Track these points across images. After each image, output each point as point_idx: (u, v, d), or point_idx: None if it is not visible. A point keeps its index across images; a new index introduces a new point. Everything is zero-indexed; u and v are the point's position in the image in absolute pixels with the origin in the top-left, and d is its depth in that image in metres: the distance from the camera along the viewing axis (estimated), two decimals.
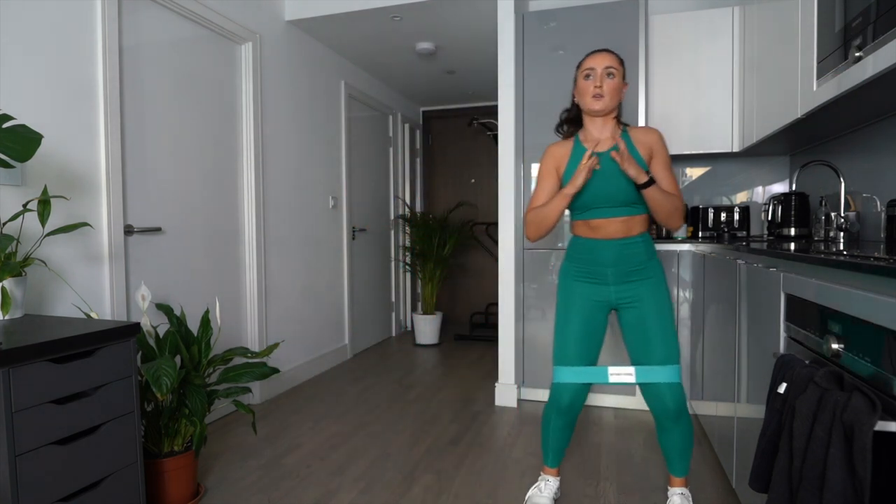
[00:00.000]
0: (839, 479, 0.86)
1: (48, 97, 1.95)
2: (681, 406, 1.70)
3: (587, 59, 1.75)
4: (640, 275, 1.73)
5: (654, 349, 1.70)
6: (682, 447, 1.77)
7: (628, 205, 1.71)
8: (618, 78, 1.71)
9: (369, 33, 3.56)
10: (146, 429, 1.85)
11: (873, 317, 0.89)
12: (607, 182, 1.69)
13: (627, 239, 1.73)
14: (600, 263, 1.75)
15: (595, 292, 1.77)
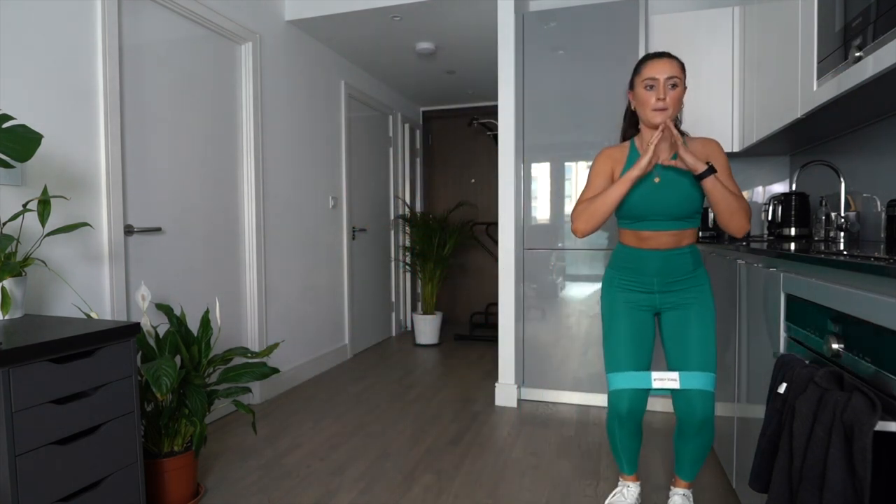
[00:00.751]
0: (839, 479, 0.86)
1: (48, 97, 1.95)
2: (708, 416, 1.66)
3: (648, 67, 1.64)
4: (686, 283, 1.71)
5: (691, 355, 1.67)
6: (696, 456, 1.74)
7: (681, 219, 1.68)
8: (680, 87, 1.64)
9: (369, 33, 3.56)
10: (146, 429, 1.85)
11: (873, 317, 0.89)
12: (662, 194, 1.65)
13: (675, 250, 1.70)
14: (646, 273, 1.73)
15: (642, 300, 1.75)
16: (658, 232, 1.69)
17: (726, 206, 1.58)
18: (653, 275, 1.72)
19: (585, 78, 2.93)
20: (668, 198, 1.65)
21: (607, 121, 2.92)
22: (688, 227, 1.70)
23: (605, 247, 2.95)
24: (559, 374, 3.03)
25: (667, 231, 1.69)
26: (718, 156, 1.68)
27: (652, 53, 1.69)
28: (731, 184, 1.65)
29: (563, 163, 3.02)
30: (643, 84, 1.64)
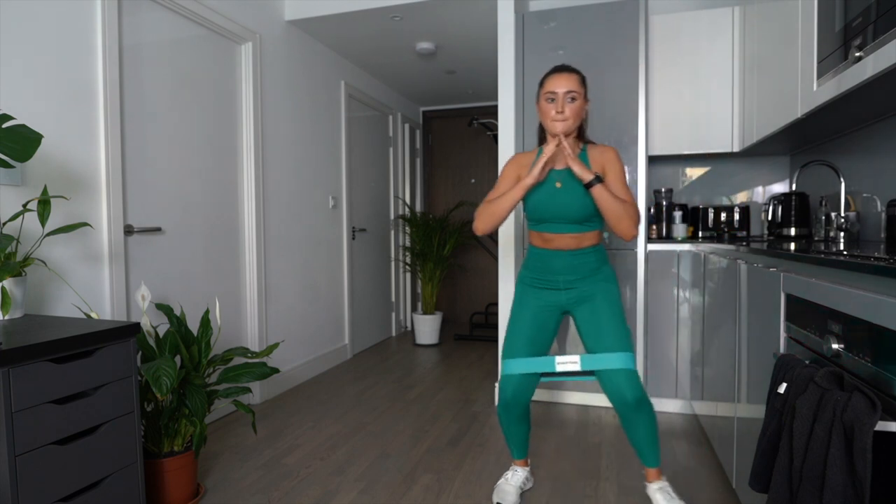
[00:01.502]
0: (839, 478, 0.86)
1: (48, 97, 1.95)
2: (639, 394, 1.72)
3: (549, 81, 1.77)
4: (592, 280, 1.83)
5: (605, 339, 1.76)
6: (648, 436, 1.78)
7: (580, 222, 1.79)
8: (580, 100, 1.76)
9: (369, 33, 3.56)
10: (146, 429, 1.85)
11: (873, 317, 0.89)
12: (562, 199, 1.77)
13: (578, 251, 1.83)
14: (552, 272, 1.85)
15: (547, 296, 1.87)
16: (560, 234, 1.82)
17: (612, 213, 1.70)
18: (558, 273, 1.84)
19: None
20: (566, 202, 1.77)
21: (607, 121, 2.91)
22: (588, 230, 1.82)
23: (604, 246, 2.95)
24: None
25: (568, 233, 1.81)
26: (613, 163, 1.79)
27: (554, 68, 1.80)
28: (623, 191, 1.77)
29: None
30: (545, 97, 1.78)
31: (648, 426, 1.76)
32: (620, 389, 1.72)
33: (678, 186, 3.36)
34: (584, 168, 1.69)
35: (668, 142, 3.00)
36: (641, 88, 2.85)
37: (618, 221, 1.70)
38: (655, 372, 2.89)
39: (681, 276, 2.83)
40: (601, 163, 1.80)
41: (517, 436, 1.95)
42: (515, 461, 2.02)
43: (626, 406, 1.73)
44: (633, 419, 1.75)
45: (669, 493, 1.81)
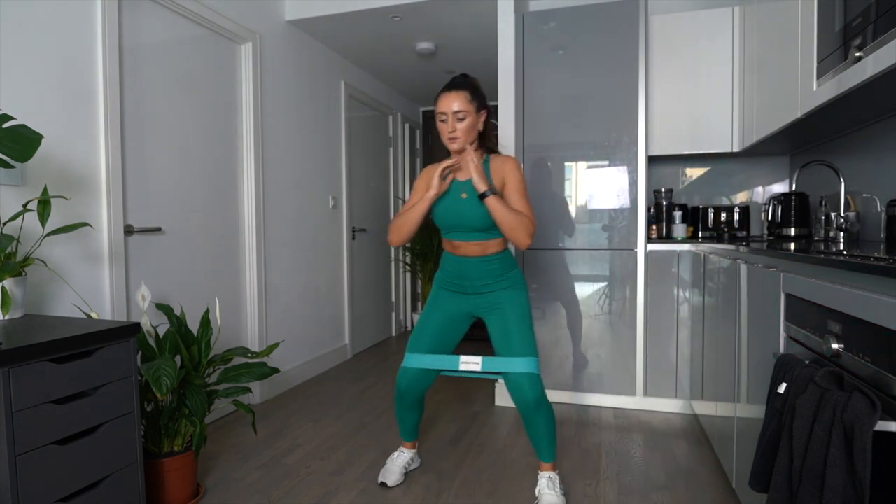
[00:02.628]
0: (839, 478, 0.86)
1: (48, 97, 1.95)
2: (539, 396, 1.84)
3: (440, 101, 1.86)
4: (497, 286, 1.93)
5: (512, 345, 1.86)
6: (545, 435, 1.91)
7: (483, 230, 1.87)
8: (470, 117, 1.85)
9: (369, 33, 3.56)
10: (146, 429, 1.85)
11: (873, 317, 0.89)
12: (465, 209, 1.86)
13: (482, 258, 1.91)
14: (460, 276, 1.95)
15: (457, 300, 1.99)
16: (465, 242, 1.91)
17: (505, 224, 1.78)
18: (465, 278, 1.94)
19: (585, 78, 2.93)
20: (468, 212, 1.85)
21: (607, 121, 2.92)
22: (492, 238, 1.90)
23: (604, 246, 2.96)
24: (559, 374, 3.03)
25: (472, 241, 1.90)
26: (512, 173, 1.87)
27: (445, 86, 1.88)
28: (520, 201, 1.84)
29: (563, 163, 3.03)
30: (438, 117, 1.88)
31: (546, 425, 1.89)
32: (523, 391, 1.83)
33: (678, 186, 3.36)
34: (481, 179, 1.78)
35: (668, 142, 3.00)
36: (641, 88, 2.85)
37: (510, 231, 1.78)
38: (655, 372, 2.89)
39: (681, 276, 2.83)
40: (501, 172, 1.88)
41: (408, 421, 2.12)
42: (404, 443, 2.18)
43: (527, 406, 1.84)
44: (532, 418, 1.87)
45: (554, 483, 1.92)
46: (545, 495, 1.89)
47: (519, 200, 1.84)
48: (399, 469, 2.11)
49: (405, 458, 2.15)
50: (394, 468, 2.11)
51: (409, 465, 2.17)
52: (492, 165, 1.91)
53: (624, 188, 2.91)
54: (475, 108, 1.87)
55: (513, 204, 1.84)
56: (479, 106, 1.89)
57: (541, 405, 1.85)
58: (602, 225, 2.97)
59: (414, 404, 2.06)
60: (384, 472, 2.10)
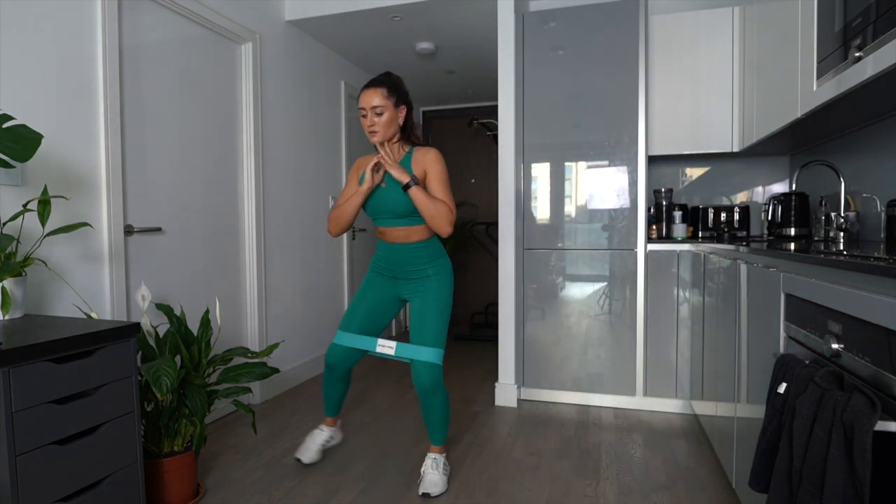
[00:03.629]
0: (839, 478, 0.86)
1: (48, 97, 1.95)
2: (435, 383, 2.01)
3: (360, 97, 1.98)
4: (423, 273, 2.07)
5: (423, 334, 2.02)
6: (438, 419, 2.09)
7: (405, 216, 2.00)
8: (388, 112, 1.96)
9: (369, 33, 3.56)
10: (146, 429, 1.85)
11: (873, 317, 0.89)
12: (386, 197, 2.00)
13: (408, 244, 2.05)
14: (388, 261, 2.10)
15: (388, 284, 2.14)
16: (389, 227, 2.05)
17: (426, 212, 1.92)
18: (394, 264, 2.09)
19: (585, 78, 2.93)
20: (390, 200, 1.98)
21: (607, 121, 2.92)
22: (414, 224, 2.02)
23: (604, 247, 2.96)
24: (559, 374, 3.04)
25: (395, 227, 2.04)
26: (433, 164, 2.00)
27: (366, 83, 1.99)
28: (440, 190, 1.98)
29: (563, 163, 3.03)
30: (359, 112, 2.00)
31: (440, 410, 2.08)
32: (421, 378, 2.01)
33: (678, 186, 3.36)
34: (401, 172, 1.91)
35: (668, 142, 3.00)
36: (641, 88, 2.85)
37: (431, 219, 1.93)
38: (655, 372, 2.89)
39: (681, 276, 2.83)
40: (423, 164, 2.01)
41: (333, 395, 2.26)
42: (326, 419, 2.32)
43: (424, 391, 2.02)
44: (427, 402, 2.05)
45: (438, 464, 2.08)
46: (428, 474, 2.05)
47: (440, 190, 1.98)
48: (317, 447, 2.24)
49: (324, 435, 2.28)
50: (312, 446, 2.23)
51: (328, 442, 2.30)
52: (414, 157, 2.02)
53: (624, 188, 2.91)
54: (393, 103, 1.97)
55: (434, 193, 1.98)
56: (398, 101, 1.99)
57: (436, 391, 2.02)
58: (602, 225, 2.97)
59: (341, 378, 2.23)
60: (301, 448, 2.23)
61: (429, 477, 2.04)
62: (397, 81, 2.02)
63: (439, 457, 2.11)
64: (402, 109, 2.01)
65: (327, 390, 2.26)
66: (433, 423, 2.10)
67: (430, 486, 2.01)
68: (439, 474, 2.05)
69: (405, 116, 2.03)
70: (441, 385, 2.04)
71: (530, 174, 3.08)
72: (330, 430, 2.32)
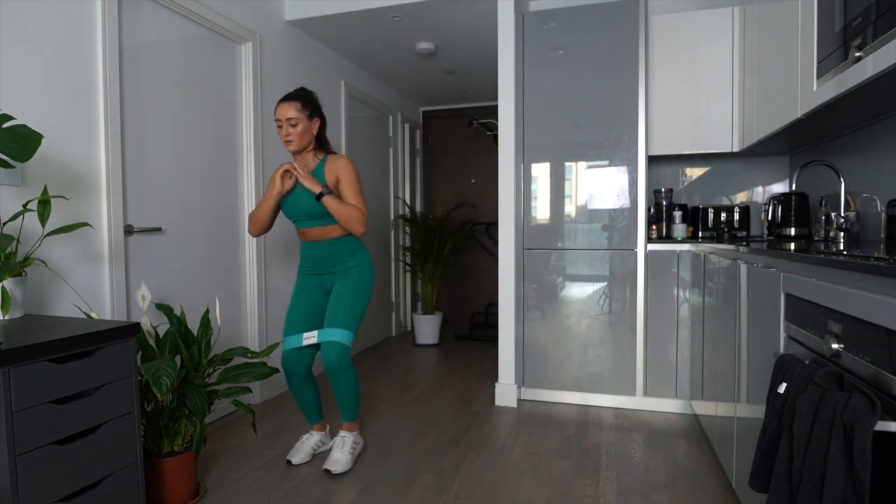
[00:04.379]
0: (839, 478, 0.86)
1: (48, 97, 1.95)
2: (340, 362, 2.13)
3: (276, 110, 2.13)
4: (344, 265, 2.23)
5: (335, 316, 2.15)
6: (346, 396, 2.22)
7: (320, 217, 2.16)
8: (302, 123, 2.12)
9: (369, 33, 3.56)
10: (146, 429, 1.85)
11: (873, 317, 0.89)
12: (301, 200, 2.16)
13: (327, 241, 2.20)
14: (312, 260, 2.24)
15: (316, 282, 2.27)
16: (309, 228, 2.20)
17: (339, 217, 2.10)
18: (319, 261, 2.23)
19: (585, 78, 2.93)
20: (305, 203, 2.14)
21: (607, 121, 2.92)
22: (330, 223, 2.18)
23: (604, 246, 2.96)
24: (559, 374, 3.04)
25: (314, 227, 2.19)
26: (344, 172, 2.17)
27: (282, 97, 2.14)
28: (352, 195, 2.16)
29: (563, 163, 3.03)
30: (276, 123, 2.15)
31: (347, 388, 2.20)
32: (328, 355, 2.12)
33: (678, 186, 3.36)
34: (313, 183, 2.08)
35: (668, 142, 3.00)
36: (641, 88, 2.85)
37: (345, 222, 2.11)
38: (655, 372, 2.89)
39: (681, 276, 2.83)
40: (335, 171, 2.17)
41: (305, 402, 2.32)
42: (311, 426, 2.38)
43: (331, 369, 2.14)
44: (336, 381, 2.17)
45: (345, 442, 2.22)
46: (334, 451, 2.21)
47: (351, 194, 2.16)
48: (307, 450, 2.30)
49: (314, 440, 2.35)
50: (302, 448, 2.30)
51: (318, 447, 2.35)
52: (327, 165, 2.19)
53: (624, 188, 2.91)
54: (307, 115, 2.14)
55: (346, 198, 2.16)
56: (312, 114, 2.16)
57: (341, 369, 2.14)
58: (602, 225, 2.97)
59: (303, 382, 2.27)
60: (292, 451, 2.29)
61: (333, 455, 2.19)
62: (311, 97, 2.18)
63: (348, 435, 2.25)
64: (315, 121, 2.18)
65: (297, 398, 2.31)
66: (342, 400, 2.22)
67: (332, 463, 2.15)
68: (345, 453, 2.19)
69: (318, 128, 2.20)
70: (348, 364, 2.16)
71: (530, 174, 3.08)
72: (319, 434, 2.37)
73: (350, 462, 2.19)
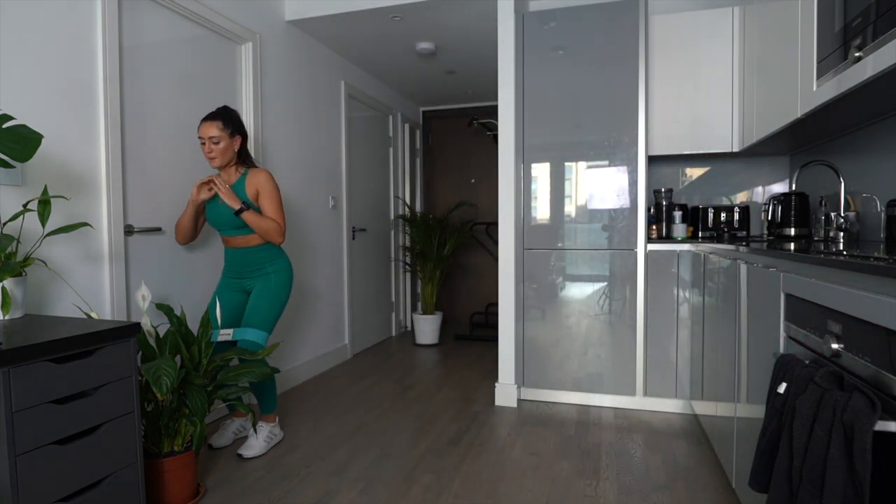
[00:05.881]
0: (839, 478, 0.86)
1: (48, 97, 1.95)
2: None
3: (200, 128, 2.25)
4: (264, 271, 2.35)
5: (251, 317, 2.30)
6: (262, 392, 2.39)
7: (241, 227, 2.28)
8: (223, 141, 2.25)
9: (369, 33, 3.56)
10: (146, 429, 1.85)
11: (873, 317, 0.89)
12: (222, 211, 2.28)
13: (248, 248, 2.33)
14: (235, 264, 2.37)
15: (236, 284, 2.40)
16: (231, 236, 2.33)
17: (259, 230, 2.25)
18: (241, 265, 2.36)
19: (585, 78, 2.93)
20: (225, 213, 2.27)
21: (607, 121, 2.92)
22: (251, 233, 2.30)
23: (604, 246, 2.96)
24: (559, 374, 3.04)
25: (236, 236, 2.32)
26: (263, 185, 2.29)
27: (204, 117, 2.26)
28: (270, 207, 2.29)
29: (563, 163, 3.03)
30: (200, 141, 2.27)
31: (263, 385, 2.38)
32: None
33: (678, 186, 3.36)
34: (232, 200, 2.20)
35: (668, 142, 3.00)
36: (641, 88, 2.85)
37: (264, 234, 2.26)
38: (655, 372, 2.89)
39: (681, 276, 2.83)
40: (255, 184, 2.29)
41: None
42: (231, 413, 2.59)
43: None
44: None
45: (262, 430, 2.38)
46: (249, 437, 2.36)
47: (270, 207, 2.29)
48: (229, 434, 2.48)
49: (235, 425, 2.52)
50: (224, 433, 2.47)
51: (238, 431, 2.53)
52: (248, 178, 2.30)
53: (624, 188, 2.91)
54: (228, 133, 2.25)
55: (265, 210, 2.29)
56: (233, 132, 2.27)
57: None
58: (602, 225, 2.97)
59: None
60: (215, 435, 2.47)
61: (249, 440, 2.35)
62: (232, 115, 2.28)
63: (265, 425, 2.41)
64: (237, 139, 2.29)
65: None
66: (258, 395, 2.39)
67: (246, 448, 2.32)
68: (261, 440, 2.36)
69: (240, 144, 2.31)
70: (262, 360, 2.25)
71: (530, 174, 3.08)
72: (240, 420, 2.54)
73: (264, 448, 2.36)
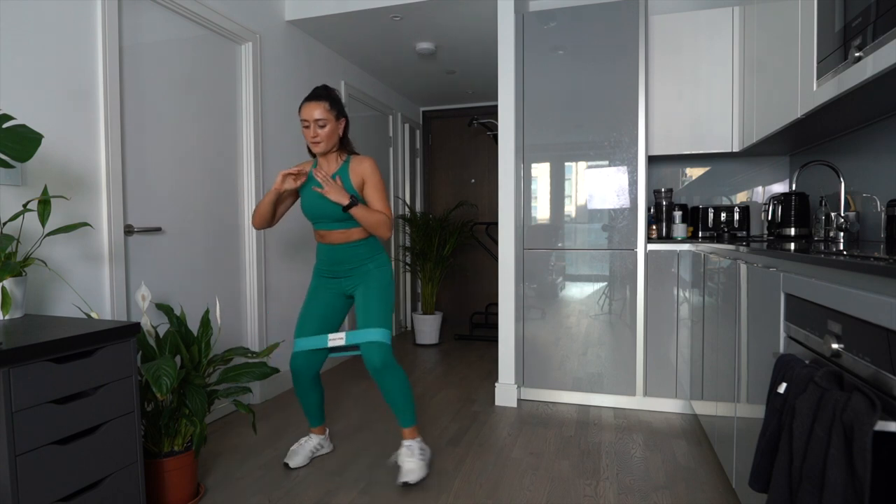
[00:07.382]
0: (839, 478, 0.86)
1: (48, 97, 1.95)
2: (384, 361, 2.04)
3: (302, 109, 2.06)
4: (364, 268, 2.15)
5: (368, 317, 2.09)
6: (398, 399, 2.11)
7: (342, 220, 2.09)
8: (330, 124, 2.06)
9: (369, 33, 3.56)
10: (146, 429, 1.85)
11: (873, 317, 0.89)
12: (323, 203, 2.08)
13: (348, 243, 2.13)
14: (333, 262, 2.16)
15: (333, 285, 2.20)
16: (329, 231, 2.13)
17: (367, 225, 2.04)
18: (337, 263, 2.16)
19: (585, 78, 2.93)
20: (326, 205, 2.06)
21: (607, 121, 2.92)
22: (352, 226, 2.11)
23: (604, 246, 2.96)
24: (559, 374, 3.04)
25: (335, 230, 2.12)
26: (370, 174, 2.10)
27: (307, 95, 2.07)
28: (377, 198, 2.09)
29: (563, 163, 3.03)
30: (302, 123, 2.07)
31: (397, 389, 2.10)
32: (371, 357, 2.04)
33: (678, 186, 3.36)
34: (341, 195, 1.98)
35: (668, 142, 3.00)
36: (641, 88, 2.85)
37: (373, 230, 2.05)
38: (655, 372, 2.89)
39: (681, 276, 2.83)
40: (359, 173, 2.10)
41: (310, 405, 2.27)
42: (311, 429, 2.34)
43: (375, 370, 2.05)
44: (383, 383, 2.08)
45: (413, 451, 2.11)
46: (405, 462, 2.09)
47: (376, 197, 2.09)
48: (306, 453, 2.27)
49: (313, 443, 2.32)
50: (300, 451, 2.26)
51: (316, 450, 2.33)
52: (351, 166, 2.12)
53: (624, 188, 2.91)
54: (335, 116, 2.07)
55: (372, 202, 2.09)
56: (339, 114, 2.10)
57: (387, 370, 2.05)
58: (602, 225, 2.97)
59: (310, 385, 2.22)
60: (290, 453, 2.26)
61: (406, 465, 2.08)
62: (336, 96, 2.12)
63: (413, 443, 2.14)
64: (341, 122, 2.12)
65: (302, 401, 2.27)
66: (396, 405, 2.12)
67: (406, 474, 2.05)
68: (416, 460, 2.09)
69: (343, 128, 2.14)
70: (392, 364, 2.07)
71: (530, 174, 3.08)
72: (318, 437, 2.34)
73: (424, 468, 2.09)
